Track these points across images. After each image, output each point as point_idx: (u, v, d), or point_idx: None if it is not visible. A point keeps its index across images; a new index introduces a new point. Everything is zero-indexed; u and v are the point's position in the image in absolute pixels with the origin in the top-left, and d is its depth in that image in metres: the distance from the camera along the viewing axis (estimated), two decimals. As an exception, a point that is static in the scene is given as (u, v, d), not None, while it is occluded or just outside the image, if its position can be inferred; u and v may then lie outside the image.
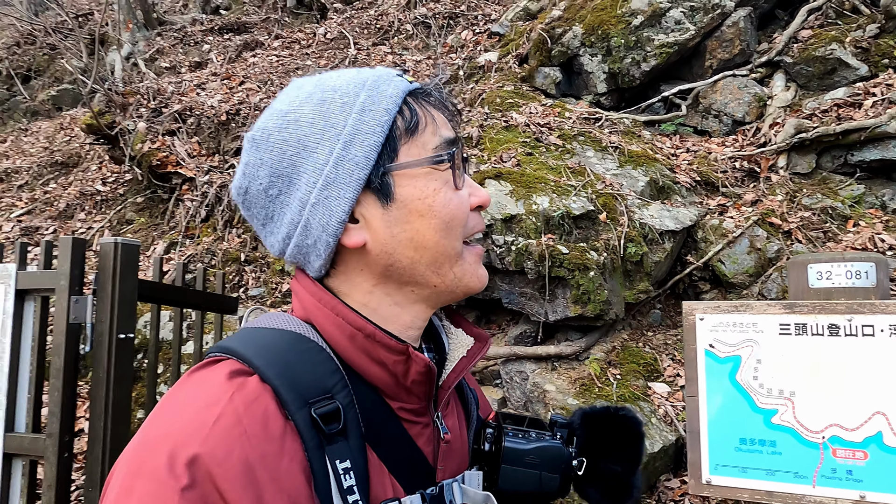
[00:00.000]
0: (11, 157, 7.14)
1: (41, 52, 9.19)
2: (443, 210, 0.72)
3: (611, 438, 0.88)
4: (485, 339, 0.84)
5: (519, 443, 0.81)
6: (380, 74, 0.75)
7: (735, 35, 4.58)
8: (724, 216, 3.75)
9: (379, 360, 0.71)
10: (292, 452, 0.62)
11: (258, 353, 0.68)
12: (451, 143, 0.74)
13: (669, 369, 3.26)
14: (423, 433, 0.76)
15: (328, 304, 0.73)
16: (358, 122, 0.71)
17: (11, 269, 2.58)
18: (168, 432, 0.60)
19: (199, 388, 0.65)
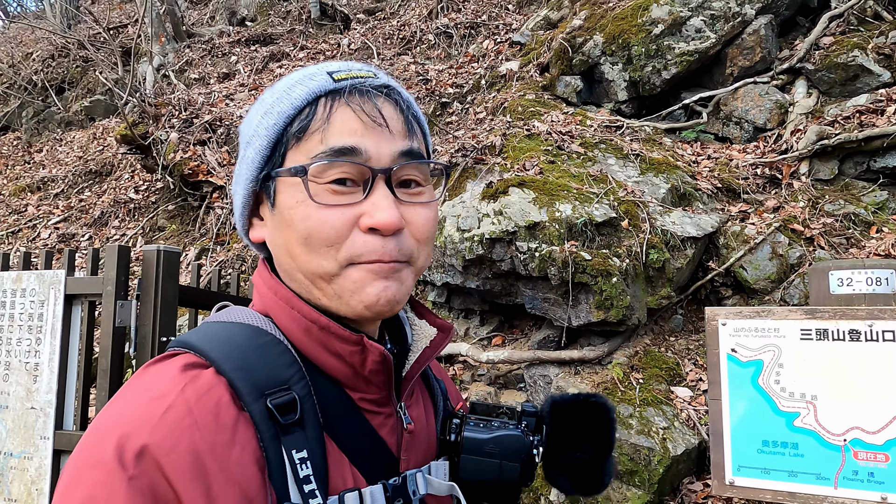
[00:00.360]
0: (48, 166, 7.40)
1: (74, 64, 9.50)
2: (301, 225, 0.69)
3: (580, 426, 0.86)
4: (447, 329, 0.84)
5: (479, 432, 0.80)
6: (304, 74, 0.74)
7: (756, 42, 4.62)
8: (746, 223, 3.78)
9: (335, 351, 0.71)
10: (244, 442, 0.62)
11: (215, 346, 0.69)
12: (338, 152, 0.68)
13: (692, 374, 3.30)
14: (385, 423, 0.76)
15: (283, 296, 0.74)
16: (258, 125, 0.73)
17: (61, 275, 2.72)
18: (118, 423, 0.60)
19: (152, 380, 0.66)
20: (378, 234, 0.69)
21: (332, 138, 0.69)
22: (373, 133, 0.70)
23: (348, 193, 0.69)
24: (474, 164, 4.12)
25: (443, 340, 0.83)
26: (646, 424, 2.99)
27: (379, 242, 0.69)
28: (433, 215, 0.76)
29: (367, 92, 0.71)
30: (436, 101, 5.50)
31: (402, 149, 0.71)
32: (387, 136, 0.71)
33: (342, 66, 0.75)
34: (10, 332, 2.78)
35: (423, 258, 0.76)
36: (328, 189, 0.69)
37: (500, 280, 3.66)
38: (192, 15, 9.76)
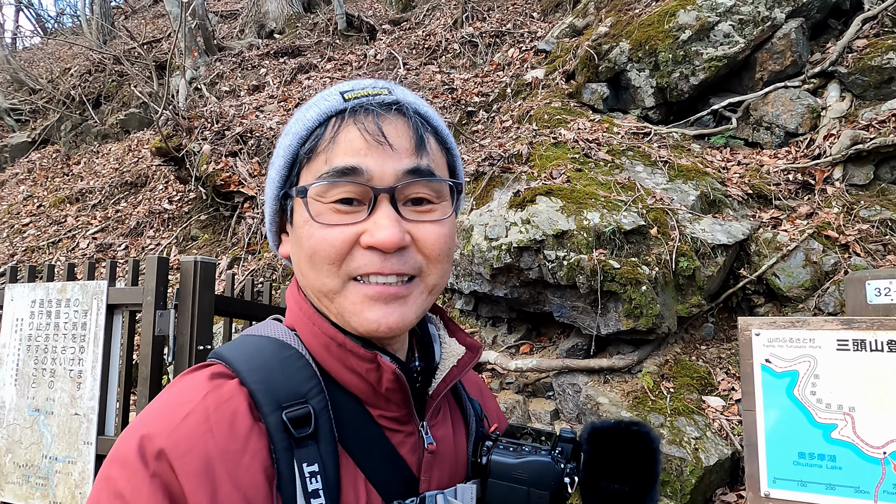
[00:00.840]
0: (85, 178, 7.64)
1: (110, 78, 9.80)
2: (306, 244, 0.71)
3: (621, 456, 0.80)
4: (476, 348, 0.84)
5: (508, 456, 0.77)
6: (321, 95, 0.75)
7: (786, 46, 4.56)
8: (778, 229, 3.73)
9: (352, 368, 0.72)
10: (255, 451, 0.64)
11: (243, 358, 0.71)
12: (339, 172, 0.69)
13: (724, 383, 3.26)
14: (405, 442, 0.75)
15: (306, 312, 0.76)
16: (279, 145, 0.77)
17: (103, 286, 2.82)
18: (144, 426, 0.64)
19: (181, 388, 0.69)
20: (378, 252, 0.69)
21: (335, 158, 0.69)
22: (376, 152, 0.70)
23: (352, 213, 0.70)
24: (501, 173, 4.14)
25: (471, 360, 0.82)
26: (677, 434, 2.96)
27: (380, 258, 0.69)
28: (445, 231, 0.74)
29: (373, 110, 0.71)
30: (461, 110, 5.54)
31: (408, 167, 0.71)
32: (390, 155, 0.70)
33: (356, 84, 0.75)
34: (56, 340, 2.89)
35: (436, 275, 0.75)
36: (332, 209, 0.70)
37: (528, 288, 3.67)
38: (222, 29, 10.00)
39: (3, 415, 2.97)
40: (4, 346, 3.02)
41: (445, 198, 0.76)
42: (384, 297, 0.70)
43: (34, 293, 2.98)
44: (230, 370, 0.70)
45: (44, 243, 6.41)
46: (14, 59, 11.80)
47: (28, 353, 2.95)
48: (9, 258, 6.37)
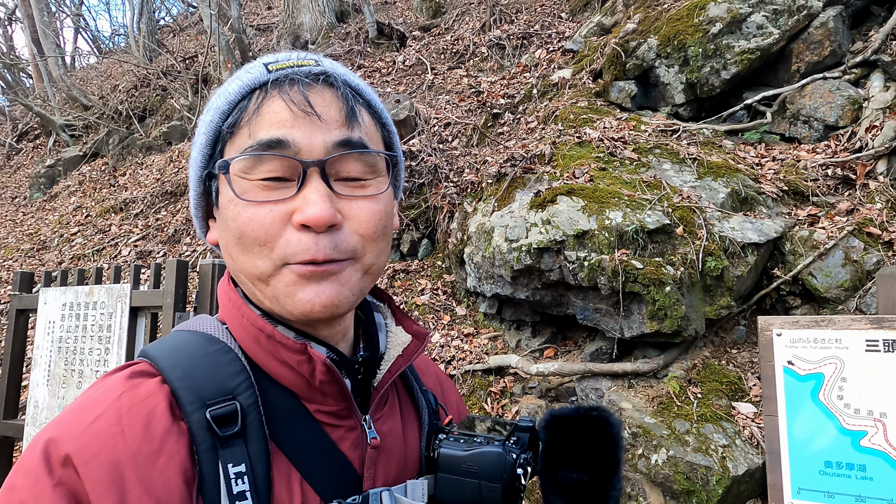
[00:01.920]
0: (130, 188, 7.95)
1: (154, 93, 10.20)
2: (232, 224, 0.66)
3: (580, 443, 0.77)
4: (422, 336, 0.80)
5: (457, 448, 0.74)
6: (243, 69, 0.71)
7: (824, 36, 4.34)
8: (816, 227, 3.54)
9: (283, 360, 0.68)
10: (172, 453, 0.61)
11: (167, 355, 0.68)
12: (264, 145, 0.64)
13: (755, 389, 3.10)
14: (346, 437, 0.72)
15: (235, 304, 0.72)
16: (200, 123, 0.72)
17: (127, 289, 2.90)
18: (50, 430, 0.61)
19: (96, 390, 0.65)
20: (311, 231, 0.64)
21: (259, 131, 0.65)
22: (303, 123, 0.65)
23: (279, 189, 0.65)
24: (523, 174, 4.09)
25: (417, 348, 0.78)
26: (703, 442, 2.83)
27: (312, 240, 0.64)
28: (380, 208, 0.70)
29: (300, 80, 0.67)
30: (487, 112, 5.50)
31: (338, 139, 0.67)
32: (319, 126, 0.66)
33: (280, 56, 0.71)
34: (83, 342, 2.99)
35: (373, 254, 0.70)
36: (258, 185, 0.65)
37: (550, 290, 3.59)
38: (258, 41, 10.27)
39: (37, 414, 3.09)
40: (38, 347, 3.15)
41: (381, 173, 0.72)
42: (317, 275, 0.65)
43: (65, 296, 3.09)
44: (153, 367, 0.67)
45: (89, 251, 6.69)
46: (68, 78, 12.42)
47: (59, 354, 3.06)
48: (56, 266, 6.68)
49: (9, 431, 3.19)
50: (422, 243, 4.96)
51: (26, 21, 14.32)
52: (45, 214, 8.69)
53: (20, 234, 8.19)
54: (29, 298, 3.30)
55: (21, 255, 7.36)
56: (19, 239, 8.01)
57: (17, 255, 7.41)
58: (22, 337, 3.35)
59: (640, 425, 2.98)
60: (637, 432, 2.96)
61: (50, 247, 7.35)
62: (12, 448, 3.27)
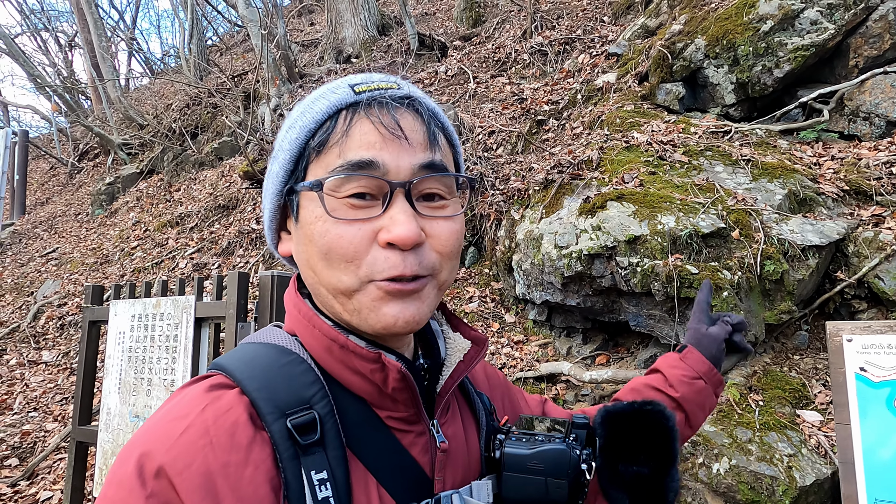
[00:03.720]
0: (185, 203, 8.26)
1: (205, 111, 10.59)
2: (319, 241, 0.69)
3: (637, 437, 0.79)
4: (482, 341, 0.81)
5: (521, 447, 0.75)
6: (328, 88, 0.73)
7: (884, 29, 4.18)
8: (881, 227, 3.40)
9: (356, 369, 0.70)
10: (258, 462, 0.62)
11: (241, 367, 0.70)
12: (355, 166, 0.67)
13: (821, 396, 3.00)
14: (416, 442, 0.73)
15: (306, 315, 0.74)
16: (283, 140, 0.74)
17: (191, 301, 3.03)
18: (141, 442, 0.63)
19: (178, 402, 0.67)
20: (396, 249, 0.67)
21: (349, 152, 0.67)
22: (391, 145, 0.68)
23: (366, 208, 0.68)
24: (571, 180, 4.07)
25: (477, 353, 0.80)
26: (767, 451, 2.75)
27: (398, 258, 0.67)
28: (458, 228, 0.73)
29: (387, 104, 0.70)
30: (531, 119, 5.51)
31: (423, 161, 0.69)
32: (406, 149, 0.69)
33: (364, 77, 0.73)
34: (151, 351, 3.13)
35: (447, 272, 0.73)
36: (346, 203, 0.68)
37: (601, 297, 3.56)
38: (303, 57, 10.55)
39: (109, 420, 3.25)
40: (110, 357, 3.31)
41: (455, 194, 0.75)
42: (401, 294, 0.68)
43: (134, 308, 3.25)
44: (230, 380, 0.69)
45: (149, 264, 6.99)
46: (125, 99, 13.03)
47: (129, 363, 3.22)
48: (119, 278, 6.99)
49: (84, 437, 3.36)
50: (469, 251, 5.00)
51: (86, 46, 15.11)
52: (106, 230, 9.13)
53: (84, 249, 8.62)
54: (100, 310, 3.48)
55: (86, 268, 7.74)
56: (84, 254, 8.43)
57: (83, 268, 7.80)
58: (94, 347, 3.53)
59: (700, 433, 2.92)
60: (696, 440, 2.90)
61: (112, 260, 7.70)
62: (87, 452, 3.44)
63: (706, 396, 1.15)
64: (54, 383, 5.47)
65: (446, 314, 0.88)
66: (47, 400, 5.21)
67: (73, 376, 5.46)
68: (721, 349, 1.20)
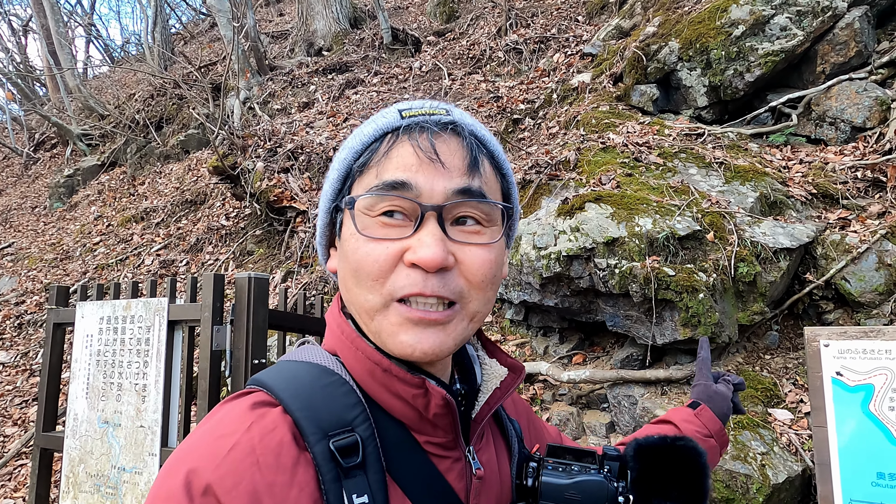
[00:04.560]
0: (149, 197, 8.02)
1: (171, 102, 10.29)
2: (351, 257, 0.70)
3: (669, 472, 0.79)
4: (518, 369, 0.82)
5: (558, 477, 0.75)
6: (381, 113, 0.75)
7: (849, 37, 4.31)
8: (847, 230, 3.51)
9: (398, 393, 0.70)
10: (303, 483, 0.63)
11: (284, 385, 0.69)
12: (388, 186, 0.68)
13: (791, 395, 3.09)
14: (453, 468, 0.74)
15: (349, 336, 0.74)
16: (335, 160, 0.77)
17: (164, 303, 2.93)
18: (189, 458, 0.63)
19: (224, 417, 0.67)
20: (421, 270, 0.67)
21: (386, 173, 0.69)
22: (427, 169, 0.69)
23: (397, 227, 0.69)
24: (548, 181, 4.09)
25: (514, 381, 0.81)
26: (741, 449, 2.82)
27: (420, 277, 0.67)
28: (491, 258, 0.72)
29: (429, 128, 0.71)
30: (507, 117, 5.51)
31: (459, 186, 0.69)
32: (441, 173, 0.69)
33: (415, 104, 0.75)
34: (122, 355, 3.03)
35: (479, 302, 0.72)
36: (378, 222, 0.69)
37: (579, 297, 3.59)
38: (273, 49, 10.33)
39: (76, 426, 3.13)
40: (76, 360, 3.19)
41: (496, 223, 0.74)
42: (424, 322, 0.68)
43: (102, 310, 3.13)
44: (272, 398, 0.69)
45: (112, 261, 6.77)
46: (85, 88, 12.56)
47: (97, 367, 3.10)
48: (81, 275, 6.75)
49: (49, 444, 3.23)
50: (445, 250, 4.97)
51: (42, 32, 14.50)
52: (66, 224, 8.80)
53: (42, 244, 8.30)
54: (66, 312, 3.34)
55: (45, 265, 7.45)
56: (42, 249, 8.11)
57: (41, 265, 7.51)
58: (59, 350, 3.40)
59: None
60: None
61: (73, 256, 7.43)
62: (52, 459, 3.31)
63: (714, 455, 1.18)
64: (13, 385, 5.26)
65: (482, 340, 0.87)
66: (6, 403, 5.00)
67: (34, 378, 5.25)
68: (729, 408, 1.25)
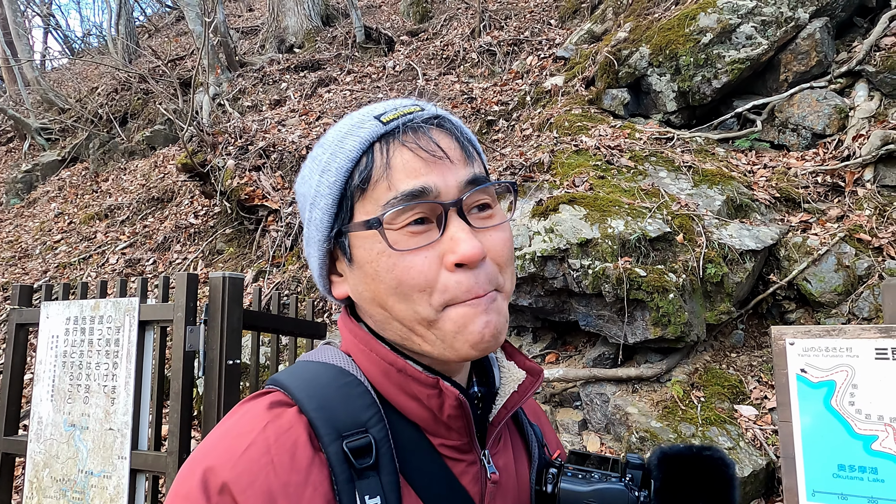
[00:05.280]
0: (114, 194, 7.81)
1: (136, 96, 10.03)
2: (387, 276, 0.68)
3: (694, 482, 0.75)
4: (537, 373, 0.80)
5: (578, 484, 0.74)
6: (352, 124, 0.72)
7: (811, 47, 4.48)
8: (808, 233, 3.66)
9: (413, 394, 0.70)
10: (316, 484, 0.63)
11: (301, 385, 0.70)
12: (408, 196, 0.67)
13: (756, 391, 3.20)
14: (468, 471, 0.73)
15: (362, 339, 0.74)
16: (318, 184, 0.72)
17: (135, 303, 2.87)
18: (206, 457, 0.64)
19: (241, 417, 0.68)
20: (466, 269, 0.67)
21: (398, 183, 0.67)
22: (435, 168, 0.68)
23: (425, 233, 0.68)
24: (523, 182, 4.14)
25: (532, 385, 0.79)
26: (709, 445, 2.91)
27: (471, 279, 0.67)
28: (508, 236, 0.73)
29: (419, 127, 0.69)
30: (481, 119, 5.55)
31: (467, 177, 0.70)
32: (450, 168, 0.69)
33: (387, 106, 0.73)
34: (90, 356, 2.95)
35: (509, 280, 0.73)
36: (406, 233, 0.67)
37: (553, 297, 3.65)
38: (243, 45, 10.17)
39: (41, 430, 3.04)
40: (41, 362, 3.09)
41: (497, 202, 0.75)
42: (482, 308, 0.68)
43: (69, 310, 3.05)
44: (289, 398, 0.69)
45: (75, 259, 6.57)
46: (44, 80, 12.14)
47: (63, 369, 3.02)
48: (41, 275, 6.54)
49: (10, 448, 3.13)
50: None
51: (-2, 21, 13.95)
52: (24, 221, 8.49)
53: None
54: (30, 312, 3.24)
55: (2, 263, 7.18)
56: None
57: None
58: (22, 351, 3.29)
59: (647, 430, 3.05)
60: (644, 436, 3.03)
61: (32, 255, 7.19)
62: (13, 465, 3.21)
63: None
64: (-31, 388, 5.05)
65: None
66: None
67: (-9, 380, 5.05)
68: None
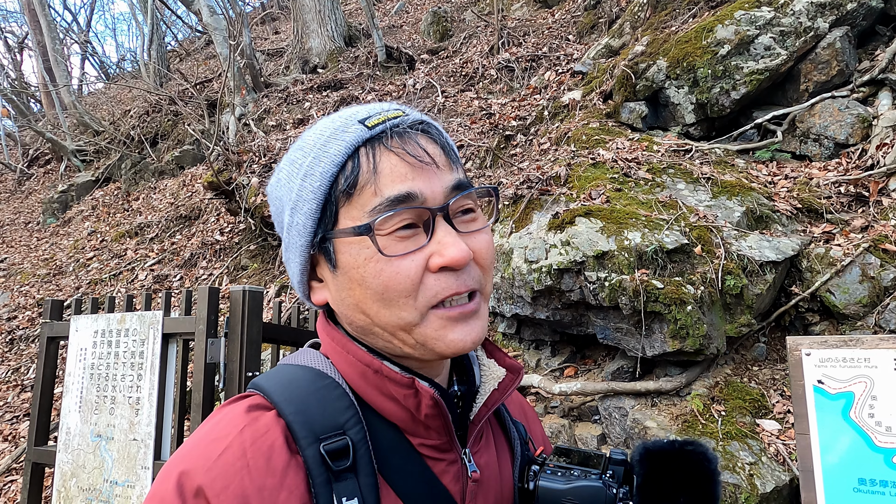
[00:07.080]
0: (144, 213, 8.04)
1: (166, 118, 10.35)
2: (374, 281, 0.68)
3: (677, 479, 0.74)
4: (517, 370, 0.81)
5: (556, 482, 0.74)
6: (335, 128, 0.71)
7: (831, 56, 4.43)
8: (831, 244, 3.59)
9: (390, 395, 0.71)
10: (292, 487, 0.63)
11: (279, 389, 0.70)
12: (395, 201, 0.67)
13: (779, 405, 3.13)
14: (448, 471, 0.73)
15: (339, 341, 0.74)
16: (301, 188, 0.71)
17: (159, 316, 2.96)
18: (182, 462, 0.64)
19: (219, 421, 0.69)
20: (448, 271, 0.68)
21: (385, 188, 0.67)
22: (422, 173, 0.69)
23: (412, 238, 0.68)
24: (540, 196, 4.16)
25: (512, 382, 0.80)
26: (730, 459, 2.86)
27: (451, 278, 0.68)
28: (491, 239, 0.75)
29: (405, 132, 0.70)
30: (500, 134, 5.60)
31: (453, 182, 0.71)
32: (436, 173, 0.70)
33: (371, 110, 0.73)
34: (116, 368, 3.04)
35: (490, 283, 0.75)
36: (393, 238, 0.68)
37: (570, 310, 3.64)
38: (268, 66, 10.44)
39: (69, 440, 3.13)
40: (70, 374, 3.20)
41: (479, 206, 0.77)
42: (464, 316, 0.69)
43: (96, 324, 3.15)
44: (268, 401, 0.70)
45: (106, 276, 6.77)
46: (80, 104, 12.62)
47: (91, 381, 3.11)
48: (74, 290, 6.75)
49: (40, 458, 3.23)
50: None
51: (37, 49, 14.59)
52: (59, 239, 8.79)
53: (35, 260, 8.28)
54: (60, 326, 3.36)
55: (38, 280, 7.44)
56: (35, 264, 8.09)
57: (34, 280, 7.49)
58: (53, 364, 3.41)
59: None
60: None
61: (66, 272, 7.43)
62: (43, 474, 3.30)
63: None
64: (4, 401, 5.23)
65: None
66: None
67: (25, 394, 5.23)
68: None
